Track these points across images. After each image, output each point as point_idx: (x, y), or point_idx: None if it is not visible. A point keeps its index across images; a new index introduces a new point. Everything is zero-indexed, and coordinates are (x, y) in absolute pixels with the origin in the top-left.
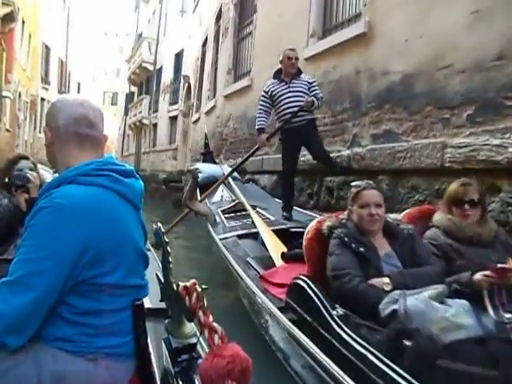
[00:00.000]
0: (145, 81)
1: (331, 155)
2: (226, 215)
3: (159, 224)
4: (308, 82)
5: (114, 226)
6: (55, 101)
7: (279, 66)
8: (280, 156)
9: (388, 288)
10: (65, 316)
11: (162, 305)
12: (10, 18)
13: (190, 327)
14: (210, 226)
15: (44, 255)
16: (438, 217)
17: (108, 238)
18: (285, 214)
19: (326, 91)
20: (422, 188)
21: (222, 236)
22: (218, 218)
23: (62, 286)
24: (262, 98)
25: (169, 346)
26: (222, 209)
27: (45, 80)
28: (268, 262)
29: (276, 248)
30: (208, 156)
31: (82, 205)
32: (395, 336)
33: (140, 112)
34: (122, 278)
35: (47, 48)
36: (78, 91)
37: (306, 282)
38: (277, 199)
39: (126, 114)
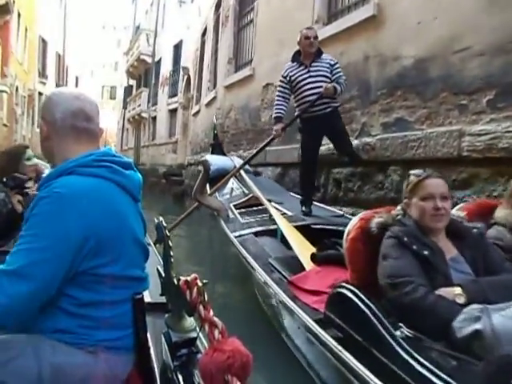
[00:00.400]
0: (143, 73)
1: None
2: (240, 210)
3: (161, 218)
4: (330, 65)
5: (114, 217)
6: (50, 94)
7: (297, 47)
8: (284, 147)
9: (461, 301)
10: (65, 307)
11: (163, 299)
12: (4, 9)
13: (190, 322)
14: (222, 223)
15: (45, 245)
16: (502, 213)
17: (108, 228)
18: (304, 208)
19: None
20: None
21: (238, 233)
22: (230, 214)
23: (63, 276)
24: (280, 84)
25: (168, 341)
26: (235, 203)
27: (42, 74)
28: (293, 264)
29: (303, 248)
30: (217, 147)
31: (83, 194)
32: (498, 372)
33: (139, 105)
34: (123, 269)
35: (44, 41)
36: (76, 85)
37: (353, 293)
38: (291, 193)
39: (124, 107)
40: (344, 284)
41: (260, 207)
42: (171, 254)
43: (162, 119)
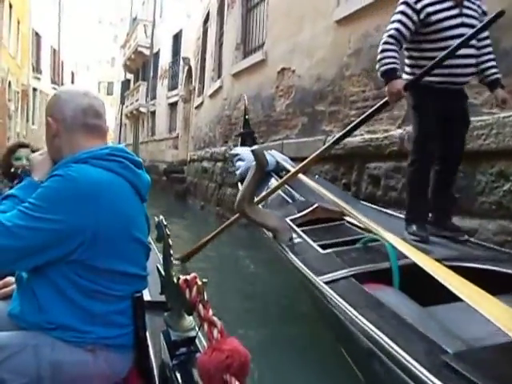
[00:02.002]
0: (141, 67)
1: (374, 136)
2: (303, 228)
3: (161, 217)
4: (482, 12)
5: (118, 213)
6: (58, 92)
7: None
8: (306, 139)
9: None
10: (63, 300)
11: (162, 298)
12: None
13: (190, 321)
14: (288, 252)
15: (44, 217)
16: None
17: (110, 223)
18: (415, 230)
19: (366, 59)
20: None
21: (326, 277)
22: (295, 236)
23: (47, 251)
24: (400, 19)
25: (167, 339)
26: (291, 217)
27: (36, 69)
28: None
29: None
30: (248, 137)
31: (94, 185)
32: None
33: (137, 100)
34: (121, 264)
35: (38, 35)
36: (72, 81)
37: None
38: (363, 201)
39: (122, 102)
40: None
41: (335, 223)
42: (171, 252)
43: (162, 114)
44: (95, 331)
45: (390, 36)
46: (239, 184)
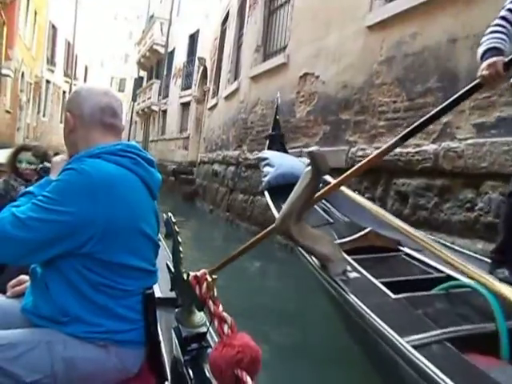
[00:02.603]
0: (155, 65)
1: (405, 150)
2: (356, 257)
3: (170, 214)
4: None
5: (129, 209)
6: (79, 89)
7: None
8: (328, 149)
9: None
10: (74, 293)
11: (172, 294)
12: None
13: (200, 316)
14: (346, 292)
15: (57, 209)
16: None
17: (120, 219)
18: (509, 276)
19: (400, 67)
20: None
21: (412, 339)
22: (349, 269)
23: (59, 244)
24: None
25: (179, 335)
26: (337, 242)
27: (51, 61)
28: None
29: None
30: (276, 140)
31: (107, 180)
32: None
33: (149, 98)
34: (131, 259)
35: (54, 28)
36: (85, 75)
37: None
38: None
39: (133, 99)
40: None
41: (390, 254)
42: (180, 249)
43: (173, 113)
44: (105, 324)
45: (501, 17)
46: (266, 193)
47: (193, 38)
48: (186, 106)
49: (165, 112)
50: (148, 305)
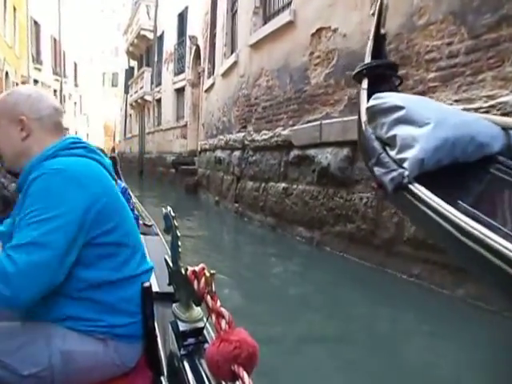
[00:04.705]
0: (145, 52)
1: (472, 106)
2: None
3: (169, 208)
4: None
5: (108, 189)
6: (25, 91)
7: None
8: (353, 118)
9: None
10: (70, 293)
11: (170, 289)
12: None
13: (198, 311)
14: None
15: (54, 214)
16: None
17: (106, 199)
18: None
19: None
20: None
21: None
22: None
23: (75, 244)
24: None
25: (176, 330)
26: None
27: (37, 60)
28: None
29: None
30: (386, 75)
31: (77, 169)
32: None
33: (141, 87)
34: (123, 236)
35: (36, 24)
36: (75, 72)
37: None
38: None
39: (126, 92)
40: None
41: None
42: (179, 243)
43: (168, 101)
44: (104, 318)
45: None
46: (416, 187)
47: (182, 17)
48: (180, 91)
49: (159, 101)
50: (145, 298)
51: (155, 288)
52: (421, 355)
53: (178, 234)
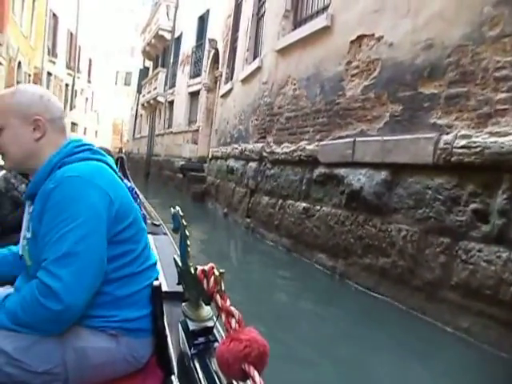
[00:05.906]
0: (161, 53)
1: None
2: None
3: (177, 208)
4: None
5: (121, 188)
6: (39, 93)
7: None
8: (400, 137)
9: None
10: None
11: (179, 288)
12: None
13: (207, 310)
14: None
15: (82, 220)
16: None
17: (121, 198)
18: None
19: None
20: None
21: None
22: None
23: (106, 242)
24: None
25: (186, 329)
26: None
27: (52, 52)
28: None
29: None
30: None
31: (90, 173)
32: None
33: (155, 88)
34: (138, 232)
35: (55, 16)
36: (89, 68)
37: None
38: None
39: (139, 91)
40: None
41: None
42: (188, 243)
43: (181, 104)
44: (117, 314)
45: None
46: None
47: (202, 20)
48: (194, 95)
49: (171, 103)
50: (155, 296)
51: (164, 287)
52: None
53: (187, 234)
